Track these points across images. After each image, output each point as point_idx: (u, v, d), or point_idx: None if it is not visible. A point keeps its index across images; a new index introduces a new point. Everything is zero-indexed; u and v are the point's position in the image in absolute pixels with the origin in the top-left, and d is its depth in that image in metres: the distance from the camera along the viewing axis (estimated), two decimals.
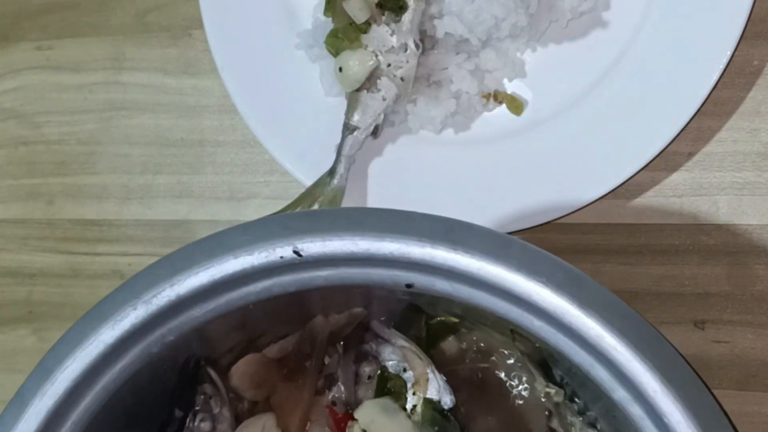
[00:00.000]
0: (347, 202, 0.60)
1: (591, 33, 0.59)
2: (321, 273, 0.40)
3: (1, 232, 0.77)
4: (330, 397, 0.51)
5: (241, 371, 0.50)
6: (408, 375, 0.49)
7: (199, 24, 0.66)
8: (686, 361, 0.37)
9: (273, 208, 0.62)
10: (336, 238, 0.38)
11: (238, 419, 0.50)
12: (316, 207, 0.60)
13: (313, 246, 0.38)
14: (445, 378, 0.48)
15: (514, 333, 0.45)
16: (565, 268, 0.37)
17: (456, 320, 0.49)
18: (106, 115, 0.73)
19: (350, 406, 0.50)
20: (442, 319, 0.49)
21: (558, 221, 0.60)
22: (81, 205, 0.74)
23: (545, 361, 0.46)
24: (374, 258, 0.38)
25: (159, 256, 0.71)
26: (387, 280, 0.39)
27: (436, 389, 0.48)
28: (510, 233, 0.60)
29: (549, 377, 0.46)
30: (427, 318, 0.49)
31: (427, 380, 0.48)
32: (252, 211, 0.69)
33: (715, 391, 0.59)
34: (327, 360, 0.51)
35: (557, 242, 0.62)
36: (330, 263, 0.39)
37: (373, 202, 0.61)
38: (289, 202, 0.61)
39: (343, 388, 0.50)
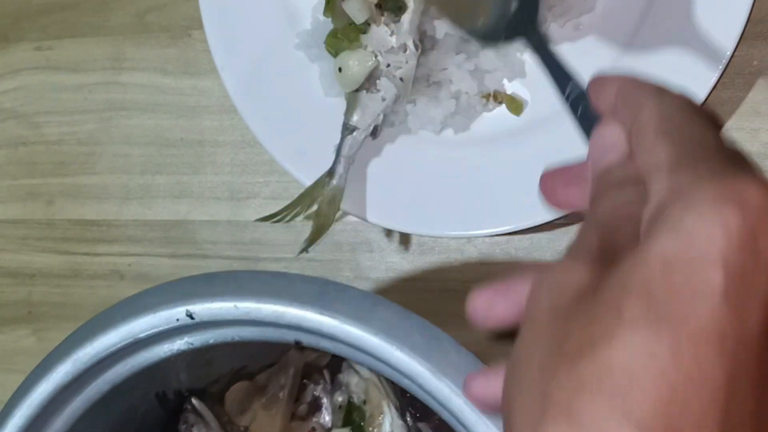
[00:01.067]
0: (347, 203, 0.60)
1: (591, 33, 0.59)
2: (220, 332, 0.44)
3: (0, 232, 0.77)
4: (312, 422, 0.52)
5: (231, 398, 0.54)
6: (366, 407, 0.50)
7: (199, 24, 0.66)
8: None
9: (273, 208, 0.62)
10: (221, 301, 0.42)
11: None
12: (315, 207, 0.60)
13: (201, 309, 0.42)
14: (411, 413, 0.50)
15: None
16: (425, 330, 0.40)
17: None
18: (106, 115, 0.73)
19: None
20: None
21: (558, 221, 0.60)
22: (81, 205, 0.74)
23: None
24: (255, 320, 0.41)
25: (159, 256, 0.72)
26: (277, 336, 0.43)
27: (389, 422, 0.49)
28: (510, 233, 0.61)
29: None
30: None
31: (381, 413, 0.49)
32: (252, 211, 0.69)
33: None
34: (311, 387, 0.54)
35: (557, 242, 0.62)
36: (223, 324, 0.43)
37: (373, 202, 0.61)
38: (289, 202, 0.61)
39: (326, 415, 0.52)
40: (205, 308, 0.42)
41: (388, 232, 0.66)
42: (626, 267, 0.24)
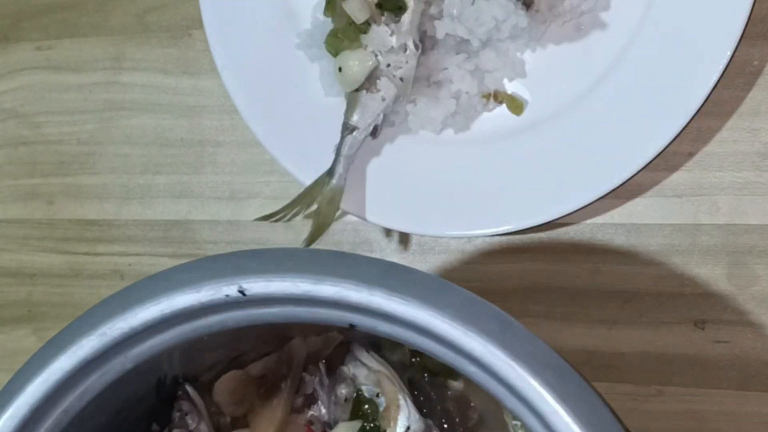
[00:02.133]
0: (347, 202, 0.60)
1: (591, 33, 0.59)
2: (269, 310, 0.41)
3: (1, 232, 0.77)
4: (309, 415, 0.52)
5: (222, 387, 0.52)
6: (381, 400, 0.49)
7: (199, 24, 0.66)
8: (615, 413, 0.38)
9: (273, 208, 0.62)
10: (278, 279, 0.39)
11: None
12: (315, 207, 0.60)
13: (256, 286, 0.40)
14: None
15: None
16: (499, 317, 0.38)
17: None
18: (106, 115, 0.73)
19: (329, 426, 0.51)
20: None
21: (558, 221, 0.60)
22: (81, 205, 0.74)
23: None
24: (315, 299, 0.39)
25: (159, 256, 0.72)
26: (333, 318, 0.41)
27: (406, 416, 0.48)
28: (510, 233, 0.61)
29: None
30: None
31: (398, 406, 0.49)
32: (252, 211, 0.69)
33: (715, 391, 0.59)
34: (308, 379, 0.52)
35: (557, 242, 0.62)
36: (275, 302, 0.41)
37: (373, 202, 0.61)
38: (288, 201, 0.61)
39: (322, 407, 0.52)
40: (260, 284, 0.39)
41: (388, 232, 0.66)
42: None
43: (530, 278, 0.63)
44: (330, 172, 0.59)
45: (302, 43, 0.62)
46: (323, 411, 0.52)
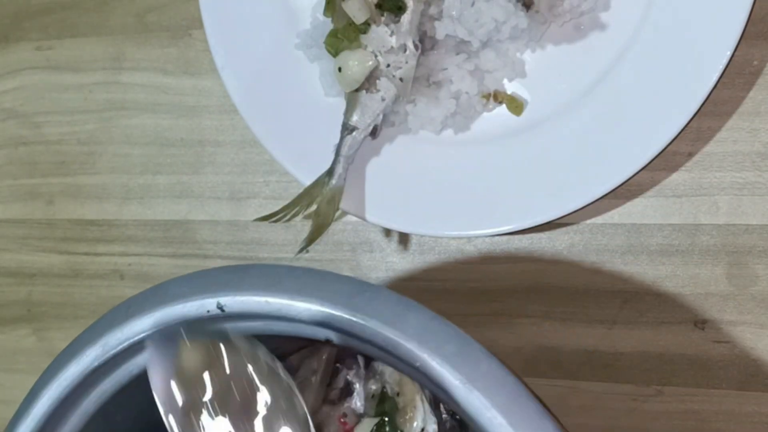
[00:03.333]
0: (347, 203, 0.60)
1: (591, 33, 0.59)
2: (252, 324, 0.44)
3: (1, 232, 0.77)
4: (344, 408, 0.52)
5: None
6: (399, 399, 0.49)
7: (199, 24, 0.66)
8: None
9: (273, 208, 0.62)
10: (252, 295, 0.42)
11: None
12: (314, 207, 0.60)
13: (233, 302, 0.42)
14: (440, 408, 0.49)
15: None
16: (458, 339, 0.39)
17: None
18: (106, 115, 0.74)
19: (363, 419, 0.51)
20: None
21: (558, 221, 0.60)
22: (81, 205, 0.74)
23: None
24: (286, 317, 0.41)
25: (159, 256, 0.72)
26: (311, 333, 0.43)
27: (422, 417, 0.48)
28: (510, 233, 0.61)
29: None
30: None
31: (414, 407, 0.49)
32: (252, 211, 0.69)
33: (715, 391, 0.59)
34: (343, 372, 0.53)
35: (557, 242, 0.62)
36: (253, 317, 0.43)
37: (372, 202, 0.61)
38: (288, 201, 0.61)
39: (358, 401, 0.52)
40: (236, 301, 0.42)
41: (387, 232, 0.66)
42: None
43: (530, 278, 0.63)
44: (329, 172, 0.59)
45: (302, 43, 0.62)
46: (359, 404, 0.52)
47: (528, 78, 0.60)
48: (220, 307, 0.42)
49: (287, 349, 0.54)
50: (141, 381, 0.45)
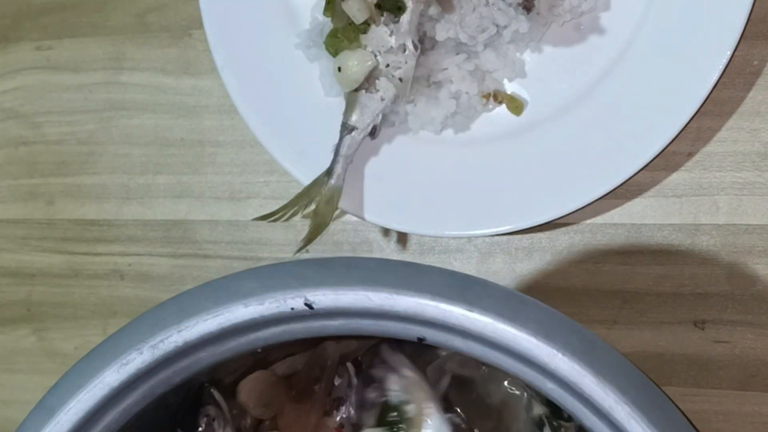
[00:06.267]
0: (347, 202, 0.60)
1: (591, 33, 0.59)
2: (333, 323, 0.39)
3: (1, 232, 0.77)
4: (338, 418, 0.50)
5: (249, 388, 0.50)
6: (410, 407, 0.48)
7: (199, 24, 0.66)
8: (692, 423, 0.37)
9: (273, 208, 0.62)
10: (350, 291, 0.37)
11: None
12: (313, 206, 0.60)
13: (325, 299, 0.37)
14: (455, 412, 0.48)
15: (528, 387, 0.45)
16: (580, 332, 0.37)
17: None
18: (106, 115, 0.73)
19: (358, 429, 0.50)
20: None
21: (558, 221, 0.60)
22: (81, 205, 0.74)
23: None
24: (388, 314, 0.37)
25: (159, 256, 0.72)
26: (400, 332, 0.39)
27: (435, 425, 0.47)
28: (510, 233, 0.61)
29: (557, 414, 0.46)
30: None
31: (427, 415, 0.47)
32: (252, 211, 0.69)
33: (715, 392, 0.59)
34: (337, 381, 0.50)
35: (557, 242, 0.62)
36: (342, 315, 0.38)
37: (372, 202, 0.61)
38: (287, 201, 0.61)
39: (352, 410, 0.50)
40: (329, 298, 0.37)
41: (387, 232, 0.66)
42: None
43: (530, 278, 0.63)
44: (328, 172, 0.59)
45: (302, 43, 0.62)
46: (352, 413, 0.50)
47: (528, 78, 0.60)
48: (308, 304, 0.37)
49: (273, 356, 0.51)
50: (173, 394, 0.41)
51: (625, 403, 0.35)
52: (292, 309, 0.37)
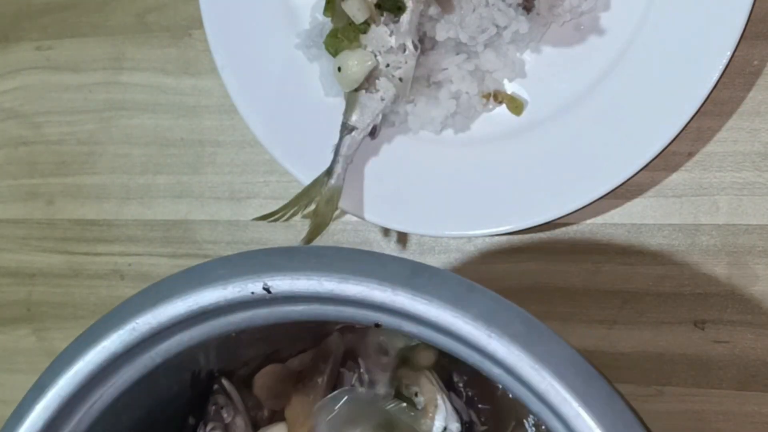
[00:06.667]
0: (347, 202, 0.60)
1: (591, 33, 0.59)
2: (294, 308, 0.42)
3: (1, 232, 0.77)
4: None
5: (262, 381, 0.52)
6: (419, 399, 0.49)
7: (199, 24, 0.66)
8: (639, 418, 0.37)
9: (273, 208, 0.62)
10: (303, 277, 0.40)
11: (257, 426, 0.52)
12: (313, 207, 0.60)
13: (282, 284, 0.40)
14: (463, 401, 0.48)
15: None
16: (528, 320, 0.38)
17: None
18: (106, 115, 0.74)
19: None
20: None
21: (558, 221, 0.60)
22: (81, 205, 0.74)
23: None
24: (339, 298, 0.39)
25: (159, 256, 0.72)
26: (358, 317, 0.41)
27: (443, 417, 0.48)
28: (510, 233, 0.61)
29: None
30: None
31: (436, 406, 0.48)
32: (252, 211, 0.69)
33: (715, 391, 0.59)
34: (347, 375, 0.52)
35: (557, 242, 0.62)
36: (301, 300, 0.41)
37: (372, 202, 0.61)
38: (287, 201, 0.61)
39: None
40: (285, 283, 0.39)
41: (387, 232, 0.66)
42: None
43: (530, 278, 0.63)
44: (328, 172, 0.59)
45: (302, 43, 0.62)
46: None
47: (528, 78, 0.60)
48: (266, 288, 0.40)
49: (286, 352, 0.53)
50: (160, 372, 0.44)
51: (561, 387, 0.36)
52: (252, 293, 0.40)
